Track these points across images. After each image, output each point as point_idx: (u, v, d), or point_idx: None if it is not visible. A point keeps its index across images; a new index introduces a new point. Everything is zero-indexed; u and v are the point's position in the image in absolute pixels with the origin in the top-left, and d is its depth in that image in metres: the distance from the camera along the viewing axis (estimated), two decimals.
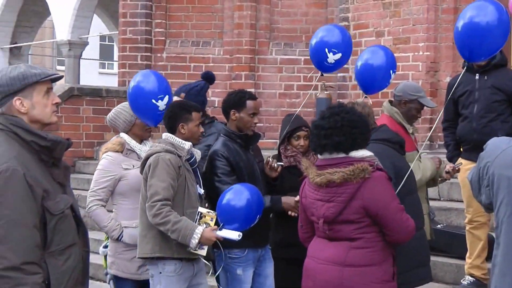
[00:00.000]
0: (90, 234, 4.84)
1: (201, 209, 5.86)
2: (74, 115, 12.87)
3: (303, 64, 13.30)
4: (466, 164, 7.51)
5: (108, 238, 6.56)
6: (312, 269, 5.19)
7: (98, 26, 26.88)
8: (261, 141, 6.71)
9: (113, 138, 6.74)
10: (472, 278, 7.70)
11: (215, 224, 5.81)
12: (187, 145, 5.91)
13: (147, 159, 5.87)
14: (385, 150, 5.34)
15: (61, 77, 4.29)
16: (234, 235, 5.72)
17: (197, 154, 6.14)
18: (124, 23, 14.08)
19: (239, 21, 13.55)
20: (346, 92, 12.57)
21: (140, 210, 5.96)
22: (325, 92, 12.38)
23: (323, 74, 6.90)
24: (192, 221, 5.74)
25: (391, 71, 6.75)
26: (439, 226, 8.43)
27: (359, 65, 6.84)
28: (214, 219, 5.82)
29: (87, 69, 28.12)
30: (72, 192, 4.27)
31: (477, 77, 7.66)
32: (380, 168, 5.13)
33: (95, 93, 13.24)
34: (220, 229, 5.77)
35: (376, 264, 5.06)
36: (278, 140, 6.64)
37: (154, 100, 6.45)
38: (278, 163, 6.28)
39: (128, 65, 13.97)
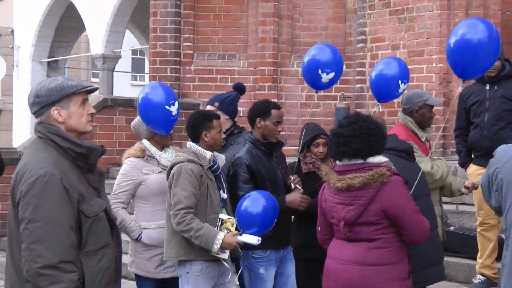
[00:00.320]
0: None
1: (222, 216, 5.86)
2: (108, 124, 12.91)
3: None
4: (477, 170, 7.51)
5: None
6: (333, 269, 5.19)
7: (130, 41, 26.93)
8: (283, 149, 6.69)
9: (136, 145, 6.75)
10: (483, 277, 7.69)
11: (236, 229, 5.82)
12: (209, 155, 5.92)
13: (171, 168, 5.90)
14: (391, 159, 5.33)
15: (96, 89, 4.31)
16: (254, 240, 5.74)
17: (221, 160, 6.14)
18: (155, 38, 14.10)
19: (263, 35, 13.53)
20: (364, 102, 12.54)
21: (166, 216, 5.98)
22: (344, 102, 12.41)
23: (318, 92, 6.83)
24: (214, 227, 5.76)
25: (400, 81, 6.70)
26: (452, 228, 8.42)
27: (373, 75, 6.82)
28: (235, 225, 5.82)
29: (120, 81, 28.20)
30: (107, 197, 4.30)
31: (488, 88, 7.66)
32: (397, 173, 5.14)
33: (127, 104, 13.26)
34: (241, 234, 5.77)
35: (394, 263, 5.06)
36: (298, 147, 6.62)
37: (167, 106, 6.48)
38: (298, 187, 6.26)
39: (159, 77, 13.96)
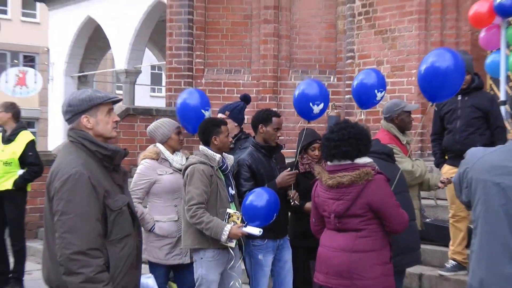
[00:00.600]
0: None
1: (229, 210, 5.92)
2: (130, 130, 12.90)
3: None
4: (450, 169, 7.52)
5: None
6: (325, 256, 5.21)
7: (149, 58, 26.94)
8: (283, 151, 6.71)
9: (150, 147, 6.74)
10: (454, 262, 7.68)
11: (241, 222, 5.86)
12: (218, 157, 5.97)
13: (186, 169, 5.95)
14: (374, 160, 5.34)
15: (120, 100, 4.32)
16: (256, 231, 5.80)
17: (230, 161, 6.18)
18: (170, 55, 14.09)
19: (264, 53, 13.54)
20: (352, 111, 12.53)
21: (182, 210, 6.04)
22: (335, 111, 12.41)
23: (309, 122, 6.78)
24: (222, 220, 5.81)
25: (376, 90, 6.67)
26: (428, 220, 8.42)
27: (354, 85, 6.81)
28: (240, 218, 5.88)
29: (140, 93, 28.22)
30: (129, 193, 4.31)
31: (459, 98, 7.65)
32: (380, 172, 5.17)
33: (147, 113, 13.26)
34: (245, 226, 5.83)
35: (377, 250, 5.08)
36: (296, 150, 6.62)
37: (203, 110, 6.53)
38: (296, 202, 6.24)
39: (174, 89, 13.97)
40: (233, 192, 6.13)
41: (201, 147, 6.05)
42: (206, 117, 6.72)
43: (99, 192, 3.84)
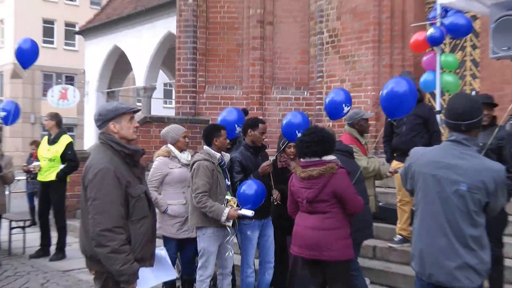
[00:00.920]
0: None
1: (227, 197, 5.90)
2: (147, 134, 12.86)
3: (294, 101, 13.29)
4: (398, 164, 7.52)
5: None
6: (299, 233, 5.20)
7: (162, 77, 26.93)
8: (267, 150, 6.70)
9: (163, 147, 6.78)
10: (401, 236, 7.69)
11: (237, 206, 5.86)
12: (218, 155, 5.97)
13: (193, 164, 5.94)
14: (338, 157, 5.34)
15: (139, 110, 4.31)
16: (249, 213, 5.80)
17: (226, 158, 6.18)
18: (179, 75, 14.08)
19: (252, 73, 13.52)
20: (321, 118, 12.52)
21: (190, 196, 6.03)
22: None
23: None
24: (221, 205, 5.81)
25: (344, 105, 6.67)
26: (380, 204, 8.39)
27: (327, 101, 6.80)
28: (236, 203, 5.86)
29: (155, 105, 28.14)
30: (146, 183, 4.28)
31: None
32: (342, 166, 5.16)
33: (160, 120, 13.22)
34: (240, 209, 5.82)
35: (340, 228, 5.08)
36: (277, 149, 6.63)
37: (236, 125, 6.61)
38: (279, 202, 6.23)
39: (181, 102, 13.98)
40: (229, 183, 6.11)
41: (205, 147, 6.05)
42: (209, 123, 6.73)
43: (122, 183, 3.82)
